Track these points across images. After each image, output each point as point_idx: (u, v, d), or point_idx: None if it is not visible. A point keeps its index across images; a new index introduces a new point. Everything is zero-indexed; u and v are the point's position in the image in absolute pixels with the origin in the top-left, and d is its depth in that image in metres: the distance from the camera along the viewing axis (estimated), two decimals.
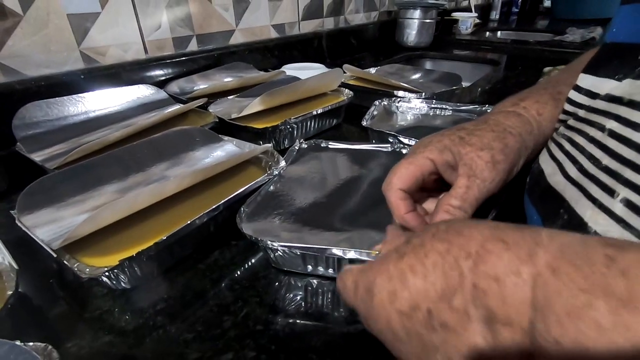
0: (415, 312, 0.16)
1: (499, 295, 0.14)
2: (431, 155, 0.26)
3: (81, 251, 0.28)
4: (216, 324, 0.26)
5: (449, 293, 0.15)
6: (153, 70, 0.68)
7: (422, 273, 0.16)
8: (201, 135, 0.44)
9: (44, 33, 0.55)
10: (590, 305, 0.12)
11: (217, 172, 0.37)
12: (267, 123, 0.51)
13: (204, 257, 0.33)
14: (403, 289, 0.16)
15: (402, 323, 0.16)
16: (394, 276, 0.17)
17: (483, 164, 0.25)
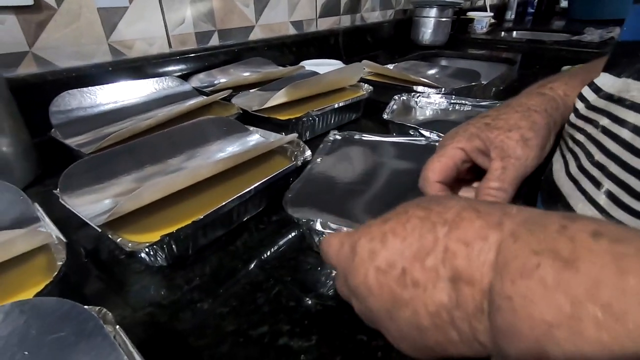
0: (391, 269, 0.17)
1: (466, 257, 0.15)
2: (460, 145, 0.27)
3: (121, 229, 0.30)
4: (250, 300, 0.28)
5: (423, 254, 0.17)
6: (176, 64, 0.70)
7: (401, 235, 0.18)
8: (229, 124, 0.45)
9: (76, 26, 0.57)
10: (539, 265, 0.13)
11: (246, 159, 0.38)
12: (289, 115, 0.52)
13: (234, 239, 0.34)
14: (382, 248, 0.18)
15: (378, 278, 0.18)
16: (375, 237, 0.19)
17: (514, 143, 0.25)
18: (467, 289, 0.15)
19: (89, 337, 0.19)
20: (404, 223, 0.18)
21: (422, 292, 0.16)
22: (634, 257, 0.12)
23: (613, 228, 0.13)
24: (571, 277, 0.12)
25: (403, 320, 0.17)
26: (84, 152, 0.40)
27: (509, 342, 0.14)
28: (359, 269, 0.19)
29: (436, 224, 0.17)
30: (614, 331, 0.11)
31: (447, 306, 0.16)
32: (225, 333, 0.25)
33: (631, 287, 0.11)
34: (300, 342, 0.24)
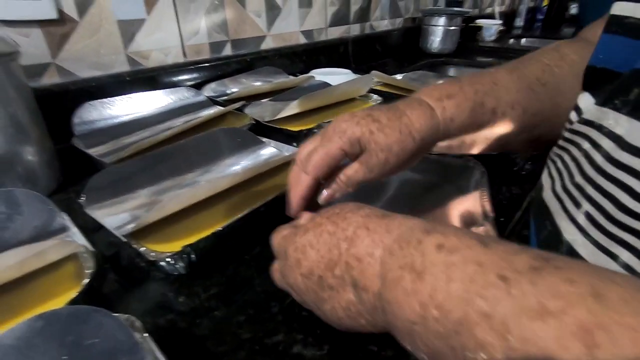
0: (311, 276, 0.23)
1: (360, 270, 0.20)
2: (344, 147, 0.29)
3: (143, 238, 0.31)
4: (265, 309, 0.29)
5: (332, 265, 0.22)
6: (190, 73, 0.72)
7: (316, 248, 0.23)
8: (242, 136, 0.47)
9: (96, 38, 0.59)
10: (402, 277, 0.18)
11: (259, 172, 0.40)
12: (299, 126, 0.53)
13: (249, 249, 0.35)
14: (304, 259, 0.23)
15: (304, 282, 0.23)
16: (298, 248, 0.24)
17: (377, 161, 0.29)
18: (364, 293, 0.20)
19: (121, 345, 0.20)
20: (318, 237, 0.23)
21: (336, 293, 0.22)
22: (459, 265, 0.16)
23: (453, 239, 0.17)
24: (420, 285, 0.17)
25: (327, 311, 0.23)
26: (106, 162, 0.42)
27: (395, 332, 0.19)
28: (290, 273, 0.24)
29: (340, 241, 0.22)
30: (445, 325, 0.15)
31: (355, 303, 0.21)
32: (242, 340, 0.26)
33: (453, 290, 0.16)
34: (313, 351, 0.25)
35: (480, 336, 0.14)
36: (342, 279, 0.21)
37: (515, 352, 0.13)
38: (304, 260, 0.23)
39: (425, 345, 0.16)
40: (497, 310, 0.14)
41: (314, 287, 0.23)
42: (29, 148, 0.43)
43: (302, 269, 0.23)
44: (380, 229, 0.21)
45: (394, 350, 0.25)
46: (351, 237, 0.21)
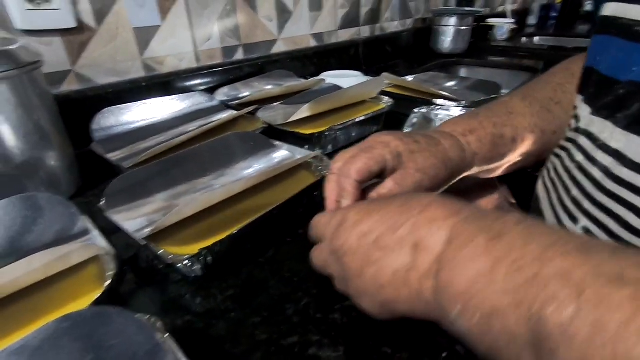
0: (369, 234, 0.23)
1: (428, 230, 0.21)
2: (388, 157, 0.30)
3: (161, 241, 0.32)
4: (280, 311, 0.29)
5: (397, 226, 0.22)
6: (203, 77, 0.74)
7: (381, 214, 0.23)
8: (255, 139, 0.48)
9: (113, 45, 0.61)
10: (475, 237, 0.19)
11: (273, 175, 0.40)
12: (311, 129, 0.54)
13: (263, 252, 0.36)
14: (366, 220, 0.24)
15: (357, 241, 0.23)
16: (362, 211, 0.25)
17: (412, 182, 0.30)
18: (423, 254, 0.20)
19: (143, 345, 0.21)
20: (388, 204, 0.24)
21: (389, 253, 0.22)
22: (539, 235, 0.17)
23: (531, 220, 0.18)
24: (494, 245, 0.18)
25: (369, 276, 0.22)
26: (124, 166, 0.43)
27: (443, 297, 0.19)
28: (343, 233, 0.24)
29: (412, 208, 0.23)
30: (515, 280, 0.16)
31: (405, 267, 0.21)
32: (258, 342, 0.27)
33: (531, 251, 0.16)
34: (328, 353, 0.26)
35: (551, 292, 0.14)
36: (403, 240, 0.21)
37: (585, 312, 0.13)
38: (366, 221, 0.23)
39: (483, 303, 0.17)
40: (574, 272, 0.14)
41: (366, 247, 0.23)
42: (52, 153, 0.44)
43: (360, 227, 0.23)
44: (456, 204, 0.22)
45: (408, 352, 0.25)
46: (427, 205, 0.22)
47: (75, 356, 0.20)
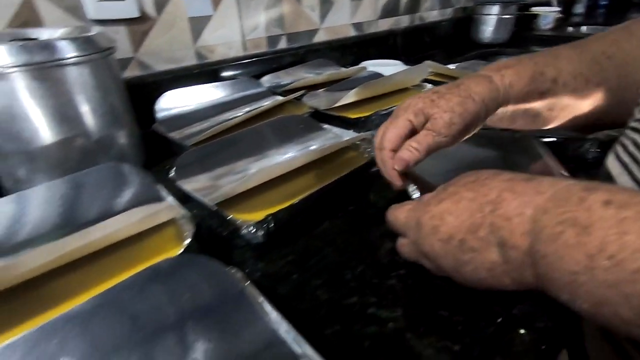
0: (451, 240, 0.24)
1: (508, 230, 0.21)
2: (410, 118, 0.32)
3: (228, 209, 0.35)
4: (338, 276, 0.32)
5: (475, 228, 0.22)
6: (249, 66, 0.77)
7: (455, 214, 0.24)
8: (305, 122, 0.50)
9: (170, 34, 0.65)
10: (563, 232, 0.18)
11: (327, 153, 0.42)
12: (356, 114, 0.55)
13: (318, 224, 0.38)
14: (442, 225, 0.24)
15: (442, 247, 0.24)
16: (435, 216, 0.25)
17: (442, 123, 0.30)
18: (512, 251, 0.21)
19: (230, 289, 0.24)
20: (456, 204, 0.24)
21: (479, 254, 0.22)
22: (633, 219, 0.16)
23: (621, 196, 0.17)
24: (586, 238, 0.17)
25: (466, 273, 0.24)
26: (186, 144, 0.46)
27: (550, 285, 0.19)
28: (426, 240, 0.25)
29: (482, 205, 0.23)
30: (618, 274, 0.16)
31: (499, 262, 0.22)
32: (321, 301, 0.29)
33: (628, 243, 0.16)
34: (387, 313, 0.28)
35: None
36: (487, 240, 0.22)
37: None
38: (443, 227, 0.24)
39: (589, 294, 0.17)
40: None
41: (454, 251, 0.23)
42: (122, 132, 0.48)
43: (440, 234, 0.24)
44: (529, 190, 0.21)
45: (464, 316, 0.27)
46: (495, 201, 0.22)
47: (167, 297, 0.23)
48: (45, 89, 0.40)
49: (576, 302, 0.18)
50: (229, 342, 0.21)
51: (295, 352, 0.21)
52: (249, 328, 0.22)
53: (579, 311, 0.18)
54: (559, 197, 0.19)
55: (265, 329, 0.22)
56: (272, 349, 0.21)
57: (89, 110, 0.44)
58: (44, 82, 0.40)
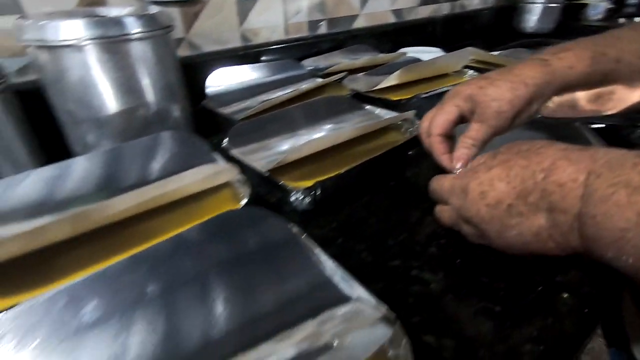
0: (499, 205, 0.24)
1: (560, 195, 0.22)
2: (458, 104, 0.32)
3: (279, 176, 0.37)
4: (381, 242, 0.33)
5: (525, 194, 0.23)
6: (290, 50, 0.79)
7: (505, 180, 0.24)
8: (347, 102, 0.52)
9: (219, 16, 0.68)
10: (614, 193, 0.19)
11: (373, 130, 0.44)
12: (397, 96, 0.56)
13: (360, 196, 0.40)
14: (491, 190, 0.25)
15: (489, 212, 0.25)
16: (484, 182, 0.26)
17: (491, 112, 0.30)
18: (561, 216, 0.22)
19: (289, 240, 0.26)
20: (507, 170, 0.25)
21: (526, 219, 0.23)
22: None
23: None
24: (638, 198, 0.18)
25: (510, 238, 0.25)
26: (235, 119, 0.49)
27: (596, 245, 0.20)
28: (472, 206, 0.26)
29: (535, 172, 0.23)
30: None
31: (546, 227, 0.23)
32: (366, 262, 0.31)
33: None
34: (429, 275, 0.29)
35: None
36: (536, 206, 0.23)
37: None
38: (491, 192, 0.25)
39: (636, 248, 0.18)
40: None
41: (500, 216, 0.24)
42: (176, 106, 0.52)
43: (487, 200, 0.25)
44: (584, 158, 0.22)
45: (505, 282, 0.28)
46: (549, 168, 0.23)
47: (231, 241, 0.26)
48: (114, 61, 0.44)
49: (621, 259, 0.19)
50: (287, 283, 0.24)
51: (350, 295, 0.23)
52: (306, 272, 0.24)
53: (622, 267, 0.19)
54: (613, 163, 0.20)
55: (321, 274, 0.24)
56: (328, 291, 0.23)
57: (149, 83, 0.48)
58: (113, 55, 0.44)
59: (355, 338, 0.20)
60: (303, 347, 0.20)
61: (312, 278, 0.24)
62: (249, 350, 0.20)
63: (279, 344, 0.21)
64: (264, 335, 0.21)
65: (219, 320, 0.21)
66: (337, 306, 0.23)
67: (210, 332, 0.21)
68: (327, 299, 0.23)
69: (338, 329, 0.21)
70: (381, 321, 0.21)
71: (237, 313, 0.22)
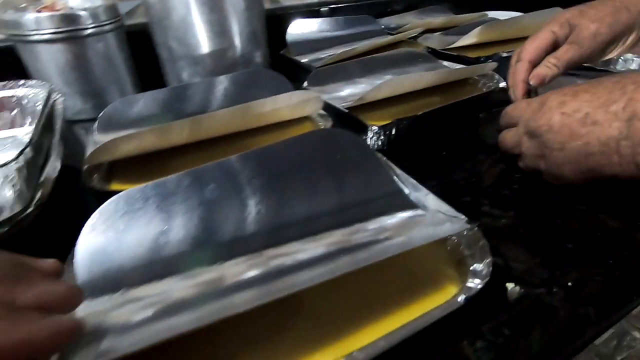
0: (576, 113, 0.25)
1: None
2: (554, 29, 0.31)
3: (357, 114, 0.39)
4: (452, 183, 0.34)
5: (609, 103, 0.24)
6: (364, 8, 0.78)
7: (592, 92, 0.25)
8: (423, 57, 0.52)
9: None
10: None
11: (447, 80, 0.44)
12: (476, 54, 0.55)
13: (432, 143, 0.41)
14: (572, 100, 0.25)
15: (560, 119, 0.25)
16: (567, 93, 0.26)
17: (587, 33, 0.29)
18: (639, 123, 0.22)
19: (371, 158, 0.28)
20: (597, 85, 0.25)
21: (599, 128, 0.24)
22: None
23: None
24: None
25: (574, 149, 0.25)
26: (313, 66, 0.52)
27: None
28: (544, 115, 0.26)
29: (626, 85, 0.23)
30: None
31: (616, 138, 0.23)
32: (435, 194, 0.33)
33: None
34: (499, 212, 0.30)
35: None
36: (615, 115, 0.23)
37: None
38: (572, 101, 0.25)
39: None
40: None
41: (572, 124, 0.25)
42: (259, 52, 0.55)
43: (565, 108, 0.25)
44: None
45: (580, 226, 0.28)
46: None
47: (317, 153, 0.28)
48: (211, 5, 0.48)
49: None
50: (361, 189, 0.26)
51: (425, 204, 0.25)
52: (381, 182, 0.27)
53: None
54: None
55: (396, 184, 0.27)
56: (401, 199, 0.26)
57: (238, 29, 0.51)
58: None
59: (426, 230, 0.22)
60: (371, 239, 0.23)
61: (389, 188, 0.26)
62: (338, 229, 0.23)
63: (352, 235, 0.23)
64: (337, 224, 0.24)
65: (295, 211, 0.25)
66: (407, 210, 0.25)
67: (286, 219, 0.24)
68: (397, 205, 0.25)
69: (407, 225, 0.23)
70: (457, 220, 0.23)
71: (310, 207, 0.25)
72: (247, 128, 0.36)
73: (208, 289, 0.18)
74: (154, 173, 0.29)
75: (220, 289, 0.18)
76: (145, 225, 0.22)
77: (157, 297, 0.18)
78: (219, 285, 0.18)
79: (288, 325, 0.19)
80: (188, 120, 0.30)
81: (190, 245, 0.22)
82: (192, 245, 0.22)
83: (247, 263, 0.20)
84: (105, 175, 0.32)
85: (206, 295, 0.18)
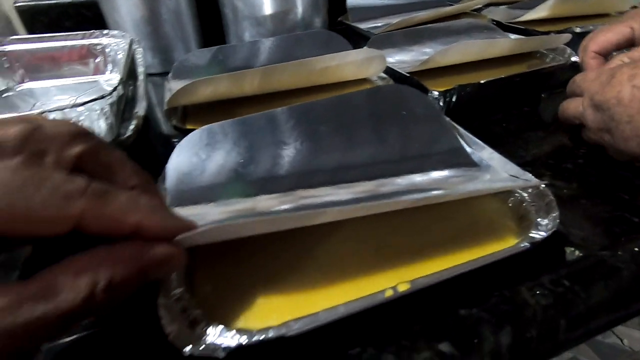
0: None
1: None
2: (633, 25, 0.29)
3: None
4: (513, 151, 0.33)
5: None
6: None
7: None
8: (488, 28, 0.50)
9: None
10: None
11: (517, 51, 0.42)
12: (546, 28, 0.52)
13: (492, 114, 0.40)
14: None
15: (632, 93, 0.24)
16: (639, 66, 0.25)
17: None
18: None
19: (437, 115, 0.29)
20: None
21: None
22: None
23: None
24: None
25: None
26: (372, 33, 0.52)
27: None
28: (613, 87, 0.26)
29: None
30: None
31: None
32: None
33: None
34: (561, 184, 0.30)
35: None
36: None
37: None
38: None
39: None
40: None
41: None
42: (318, 18, 0.56)
43: (636, 80, 0.25)
44: None
45: None
46: None
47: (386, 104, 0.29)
48: None
49: None
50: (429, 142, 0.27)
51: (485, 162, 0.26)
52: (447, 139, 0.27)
53: None
54: None
55: (458, 141, 0.27)
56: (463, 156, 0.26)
57: None
58: None
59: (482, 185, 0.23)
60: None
61: (451, 143, 0.27)
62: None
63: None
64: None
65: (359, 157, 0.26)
66: (468, 167, 0.25)
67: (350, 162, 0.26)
68: (458, 162, 0.26)
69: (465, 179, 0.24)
70: (522, 178, 0.23)
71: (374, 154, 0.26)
72: (311, 84, 0.37)
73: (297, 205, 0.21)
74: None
75: (306, 204, 0.20)
76: (224, 156, 0.24)
77: (244, 204, 0.21)
78: (305, 202, 0.20)
79: (353, 252, 0.21)
80: (260, 69, 0.31)
81: (264, 176, 0.24)
82: (265, 177, 0.24)
83: (329, 188, 0.23)
84: (180, 119, 0.34)
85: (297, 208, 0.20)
